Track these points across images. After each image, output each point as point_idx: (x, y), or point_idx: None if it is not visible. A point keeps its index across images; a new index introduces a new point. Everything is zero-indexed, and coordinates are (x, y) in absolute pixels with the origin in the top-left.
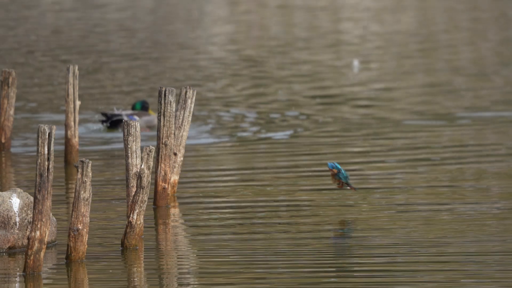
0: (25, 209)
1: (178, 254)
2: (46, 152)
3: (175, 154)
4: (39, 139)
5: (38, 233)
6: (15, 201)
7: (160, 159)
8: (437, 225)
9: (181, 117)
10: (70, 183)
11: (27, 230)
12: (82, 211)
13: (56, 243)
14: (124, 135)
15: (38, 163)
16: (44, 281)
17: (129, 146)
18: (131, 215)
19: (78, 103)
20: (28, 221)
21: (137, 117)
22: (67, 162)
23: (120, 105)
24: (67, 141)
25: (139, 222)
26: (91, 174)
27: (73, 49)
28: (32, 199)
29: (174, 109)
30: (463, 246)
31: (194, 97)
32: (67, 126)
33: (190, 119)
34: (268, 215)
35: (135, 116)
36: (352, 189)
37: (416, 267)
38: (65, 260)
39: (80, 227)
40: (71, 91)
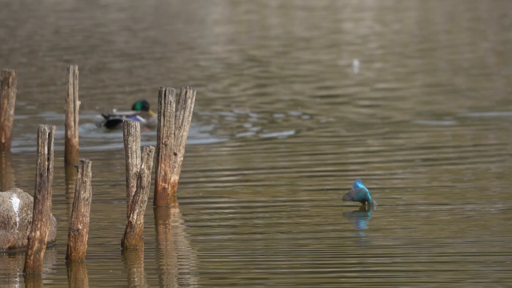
0: (25, 209)
1: (178, 254)
2: (46, 152)
3: (175, 154)
4: (39, 139)
5: (38, 233)
6: (15, 201)
7: (160, 159)
8: (438, 225)
9: (181, 117)
10: (70, 183)
11: (27, 230)
12: (82, 211)
13: (56, 243)
14: (124, 135)
15: (38, 163)
16: (44, 281)
17: (129, 146)
18: (131, 215)
19: (78, 103)
20: (28, 221)
21: (140, 117)
22: (67, 162)
23: (121, 105)
24: (67, 141)
25: (139, 222)
26: (91, 174)
27: (75, 49)
28: (32, 199)
29: (174, 109)
30: (464, 246)
31: (194, 97)
32: (67, 126)
33: (190, 119)
34: (268, 215)
35: (137, 116)
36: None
37: (416, 267)
38: (65, 260)
39: (80, 227)
40: (71, 91)
